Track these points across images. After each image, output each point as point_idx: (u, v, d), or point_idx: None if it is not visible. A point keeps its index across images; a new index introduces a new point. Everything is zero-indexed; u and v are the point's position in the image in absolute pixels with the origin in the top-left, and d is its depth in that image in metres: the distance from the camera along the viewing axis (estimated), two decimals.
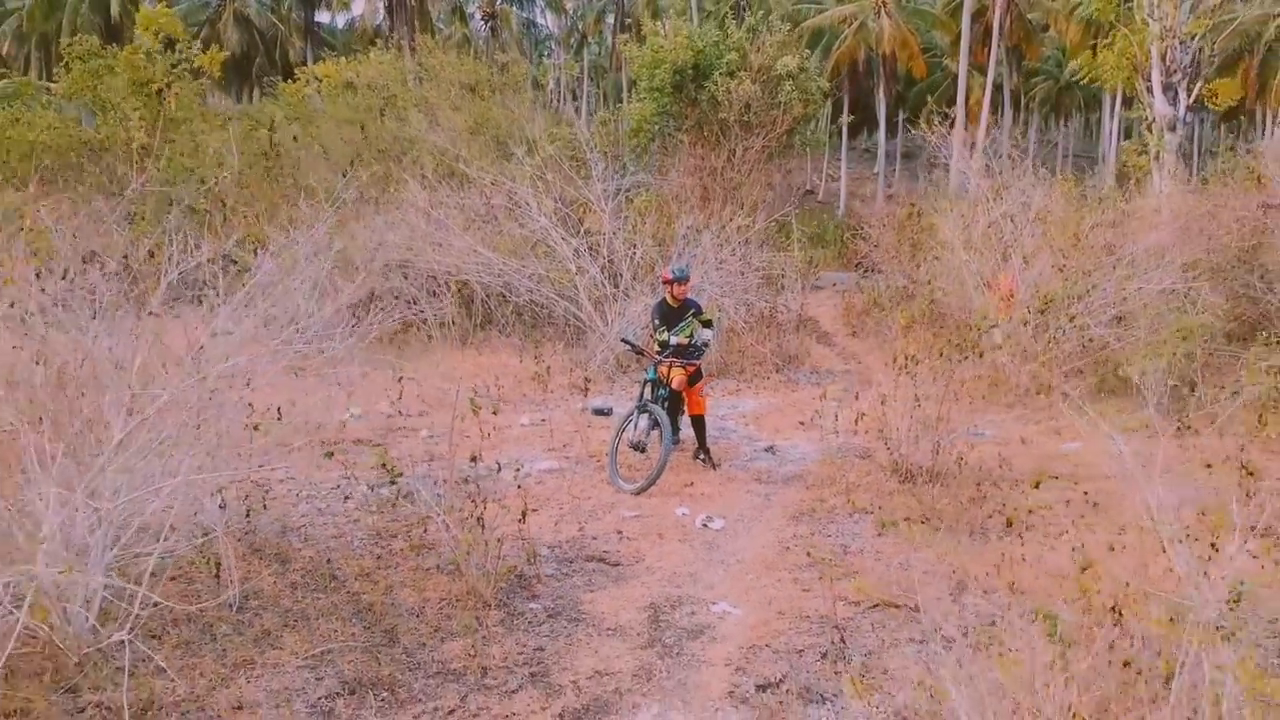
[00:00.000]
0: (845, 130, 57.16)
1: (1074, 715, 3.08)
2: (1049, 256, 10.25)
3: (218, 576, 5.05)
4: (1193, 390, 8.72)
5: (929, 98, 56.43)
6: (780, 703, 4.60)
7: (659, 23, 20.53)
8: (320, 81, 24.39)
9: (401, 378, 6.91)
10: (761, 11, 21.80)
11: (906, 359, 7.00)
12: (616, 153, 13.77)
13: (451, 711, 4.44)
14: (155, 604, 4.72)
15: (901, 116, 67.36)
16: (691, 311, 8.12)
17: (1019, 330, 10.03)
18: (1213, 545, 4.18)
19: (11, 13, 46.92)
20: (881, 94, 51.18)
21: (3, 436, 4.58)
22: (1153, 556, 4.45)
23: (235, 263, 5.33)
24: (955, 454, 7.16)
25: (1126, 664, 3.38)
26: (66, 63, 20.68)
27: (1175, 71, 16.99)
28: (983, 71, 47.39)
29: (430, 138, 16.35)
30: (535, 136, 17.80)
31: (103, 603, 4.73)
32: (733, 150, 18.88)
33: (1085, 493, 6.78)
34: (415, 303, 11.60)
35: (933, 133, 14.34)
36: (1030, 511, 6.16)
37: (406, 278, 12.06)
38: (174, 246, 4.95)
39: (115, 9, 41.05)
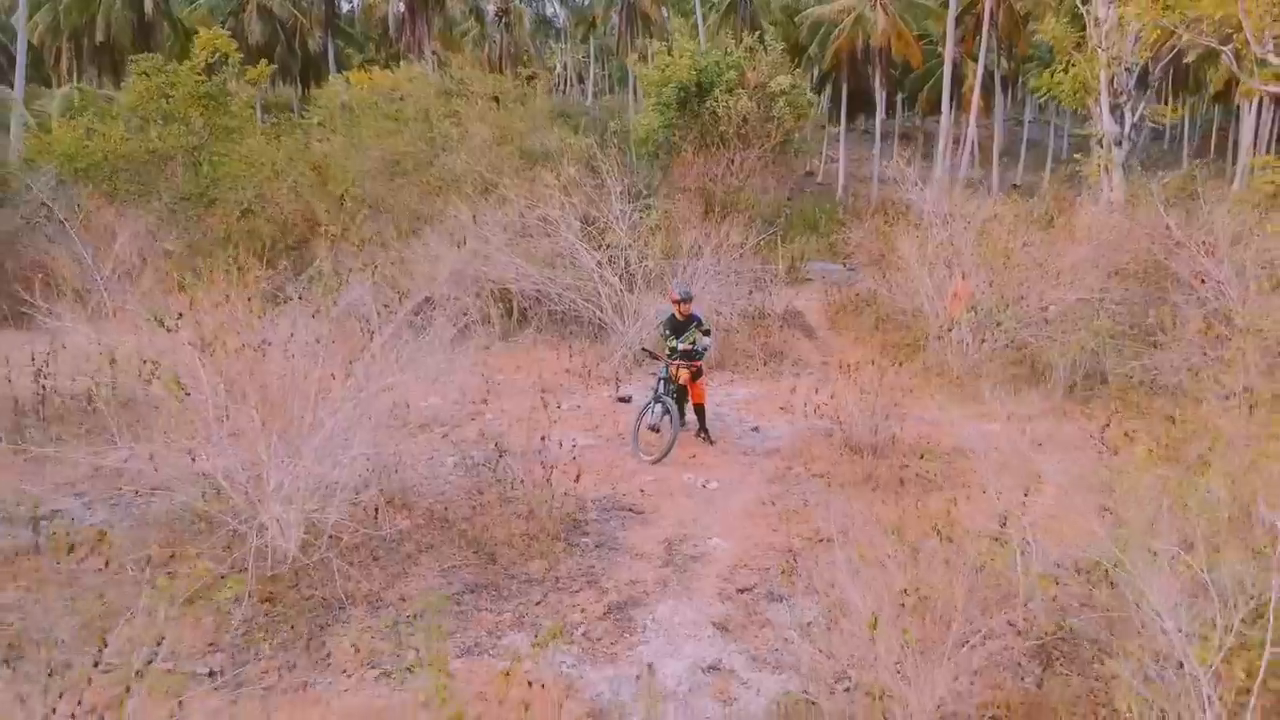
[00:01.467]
0: (844, 114, 59.09)
1: (906, 590, 5.48)
2: (985, 273, 12.61)
3: (376, 518, 7.48)
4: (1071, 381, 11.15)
5: (925, 86, 58.40)
6: (753, 599, 7.06)
7: (668, 40, 22.70)
8: (351, 87, 26.61)
9: (488, 378, 9.27)
10: (758, 32, 23.88)
11: (849, 366, 9.39)
12: (631, 180, 16.07)
13: (538, 603, 6.89)
14: (339, 535, 7.18)
15: (901, 98, 69.41)
16: (694, 324, 10.51)
17: (956, 333, 12.43)
18: (1025, 494, 6.57)
19: (43, 3, 48.56)
20: (877, 83, 53.11)
21: (246, 428, 6.98)
22: (989, 503, 6.85)
23: (386, 306, 7.69)
24: (890, 434, 9.59)
25: (947, 562, 5.78)
26: (133, 77, 22.94)
27: (1121, 94, 19.24)
28: (976, 60, 49.17)
29: (462, 161, 18.58)
30: (554, 148, 20.11)
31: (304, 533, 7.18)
32: (731, 159, 21.17)
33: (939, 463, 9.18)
34: (461, 304, 13.94)
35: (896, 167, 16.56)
36: (918, 475, 8.58)
37: (457, 283, 14.40)
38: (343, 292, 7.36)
39: (148, 7, 43.01)
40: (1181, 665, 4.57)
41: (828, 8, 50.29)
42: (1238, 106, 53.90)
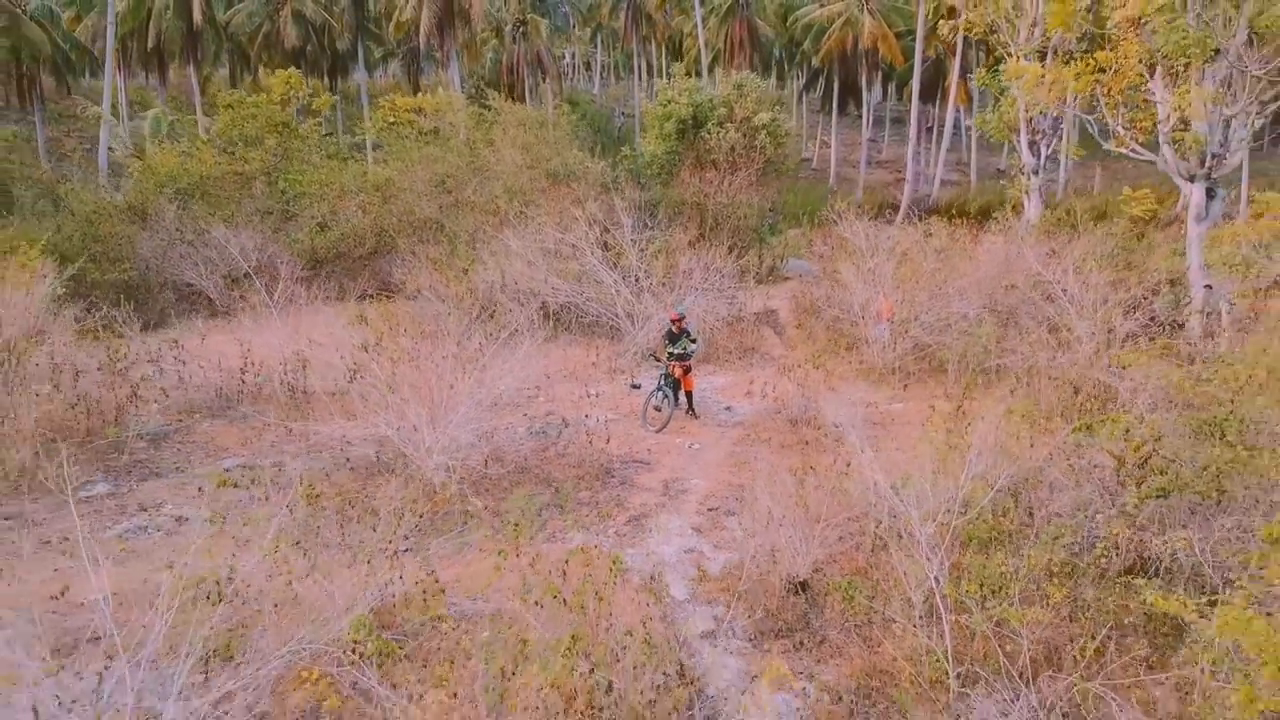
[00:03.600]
0: (835, 107, 63.10)
1: (796, 503, 10.06)
2: (901, 292, 17.10)
3: (485, 466, 12.10)
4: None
5: (911, 78, 62.30)
6: (716, 515, 11.67)
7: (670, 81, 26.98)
8: (395, 120, 30.75)
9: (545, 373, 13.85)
10: (744, 73, 28.23)
11: (788, 367, 13.93)
12: (640, 194, 20.54)
13: (587, 514, 11.49)
14: (465, 476, 11.78)
15: (893, 85, 73.49)
16: (686, 334, 15.04)
17: (877, 335, 16.99)
18: (874, 451, 11.11)
19: (94, 4, 52.18)
20: (865, 80, 57.17)
21: (405, 411, 11.56)
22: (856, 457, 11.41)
23: (490, 334, 12.25)
24: (815, 412, 14.17)
25: (839, 491, 10.35)
26: (219, 107, 27.31)
27: (1038, 133, 23.63)
28: (955, 54, 53.07)
29: (503, 187, 23.01)
30: (575, 168, 24.51)
31: (446, 475, 11.77)
32: (722, 181, 25.57)
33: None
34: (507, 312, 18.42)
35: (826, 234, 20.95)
36: (829, 439, 13.15)
37: (504, 292, 18.92)
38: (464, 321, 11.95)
39: (197, 16, 47.07)
40: (915, 535, 9.15)
41: (820, 11, 54.30)
42: None
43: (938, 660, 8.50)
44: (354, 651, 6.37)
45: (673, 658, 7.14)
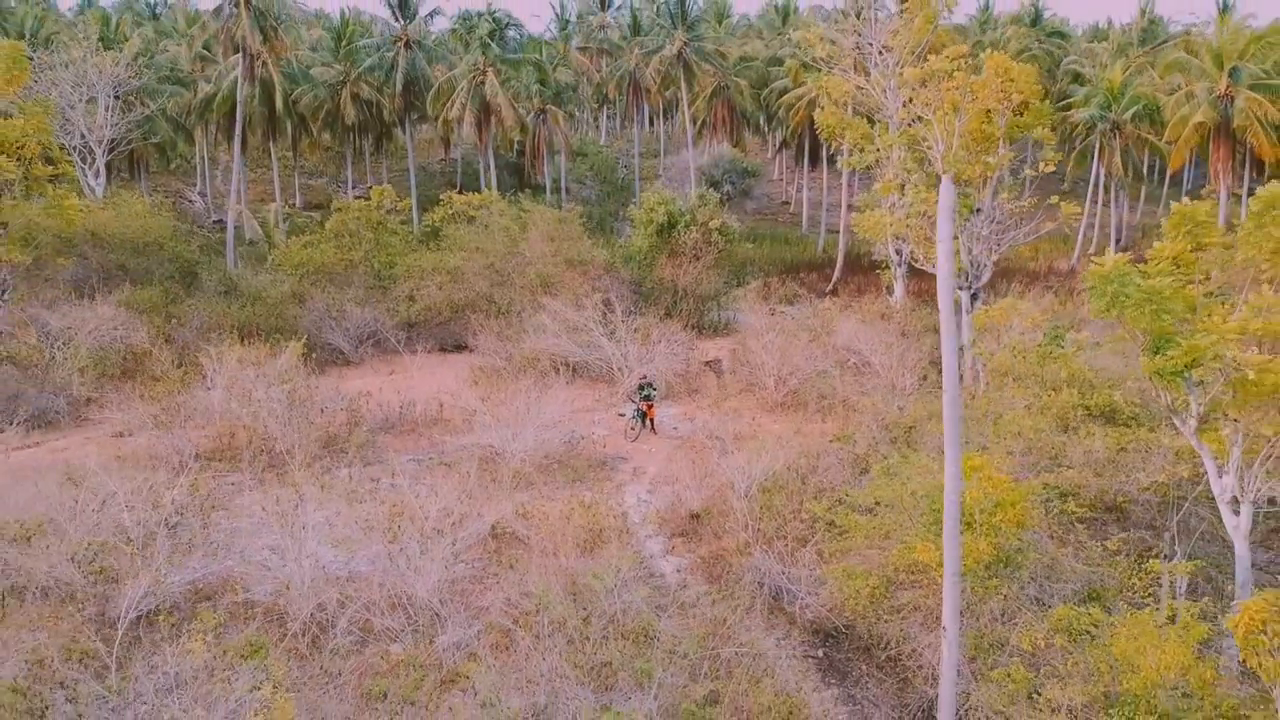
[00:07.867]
0: (807, 164, 74.23)
1: (693, 476, 21.15)
2: (783, 356, 28.17)
3: (541, 459, 23.27)
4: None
5: None
6: (659, 484, 22.84)
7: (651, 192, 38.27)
8: (451, 210, 41.88)
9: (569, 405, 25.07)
10: (708, 186, 39.55)
11: (707, 404, 25.02)
12: (630, 291, 31.87)
13: (594, 483, 22.60)
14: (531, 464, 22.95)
15: None
16: (650, 385, 26.15)
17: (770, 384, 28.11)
18: (739, 450, 22.13)
19: (187, 89, 63.29)
20: (826, 152, 68.26)
21: (501, 430, 22.70)
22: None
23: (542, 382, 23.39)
24: (721, 431, 25.23)
25: (714, 470, 21.42)
26: (328, 214, 38.57)
27: (900, 239, 34.77)
28: None
29: (535, 271, 34.32)
30: (587, 257, 35.78)
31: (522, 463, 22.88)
32: (689, 265, 36.75)
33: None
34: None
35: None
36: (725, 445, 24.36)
37: (542, 353, 30.07)
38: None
39: (279, 103, 58.33)
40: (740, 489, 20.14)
41: (789, 95, 65.50)
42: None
43: (745, 543, 19.49)
44: (516, 514, 17.59)
45: (627, 526, 18.33)
